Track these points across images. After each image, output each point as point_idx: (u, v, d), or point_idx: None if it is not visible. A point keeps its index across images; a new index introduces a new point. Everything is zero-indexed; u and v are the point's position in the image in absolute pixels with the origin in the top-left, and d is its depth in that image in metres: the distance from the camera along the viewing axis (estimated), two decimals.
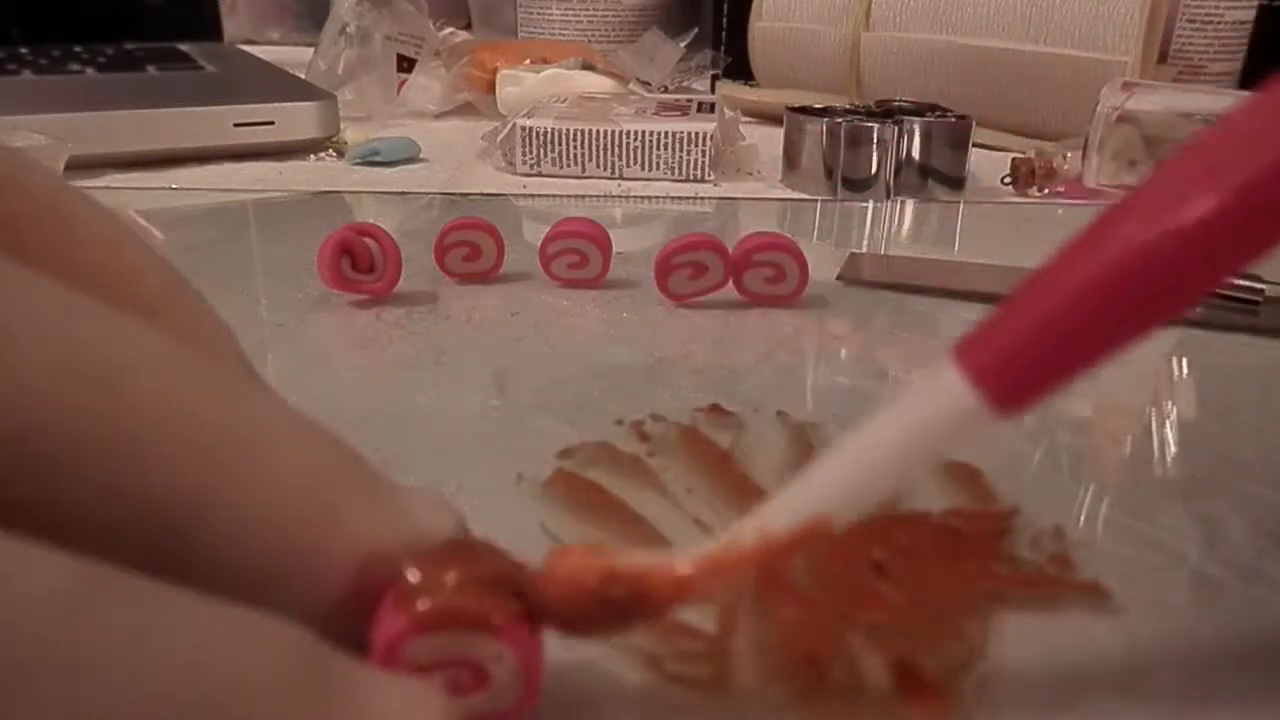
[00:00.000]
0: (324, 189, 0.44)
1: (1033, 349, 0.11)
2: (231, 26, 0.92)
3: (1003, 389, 0.12)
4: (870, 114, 0.44)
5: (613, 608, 0.12)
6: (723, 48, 0.69)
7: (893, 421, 0.12)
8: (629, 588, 0.12)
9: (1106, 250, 0.11)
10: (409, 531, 0.12)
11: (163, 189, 0.43)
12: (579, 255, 0.30)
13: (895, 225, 0.41)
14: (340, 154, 0.49)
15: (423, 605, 0.11)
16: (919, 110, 0.44)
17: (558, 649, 0.13)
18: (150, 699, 0.08)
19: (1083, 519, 0.19)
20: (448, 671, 0.11)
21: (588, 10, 0.70)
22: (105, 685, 0.08)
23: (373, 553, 0.11)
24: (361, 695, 0.10)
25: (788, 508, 0.12)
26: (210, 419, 0.11)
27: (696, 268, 0.29)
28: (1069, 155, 0.44)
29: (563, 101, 0.50)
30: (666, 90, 0.61)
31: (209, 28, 0.88)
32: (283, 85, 0.54)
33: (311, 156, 0.49)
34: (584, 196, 0.43)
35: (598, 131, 0.45)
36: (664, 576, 0.12)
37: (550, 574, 0.12)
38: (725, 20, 0.70)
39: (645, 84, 0.61)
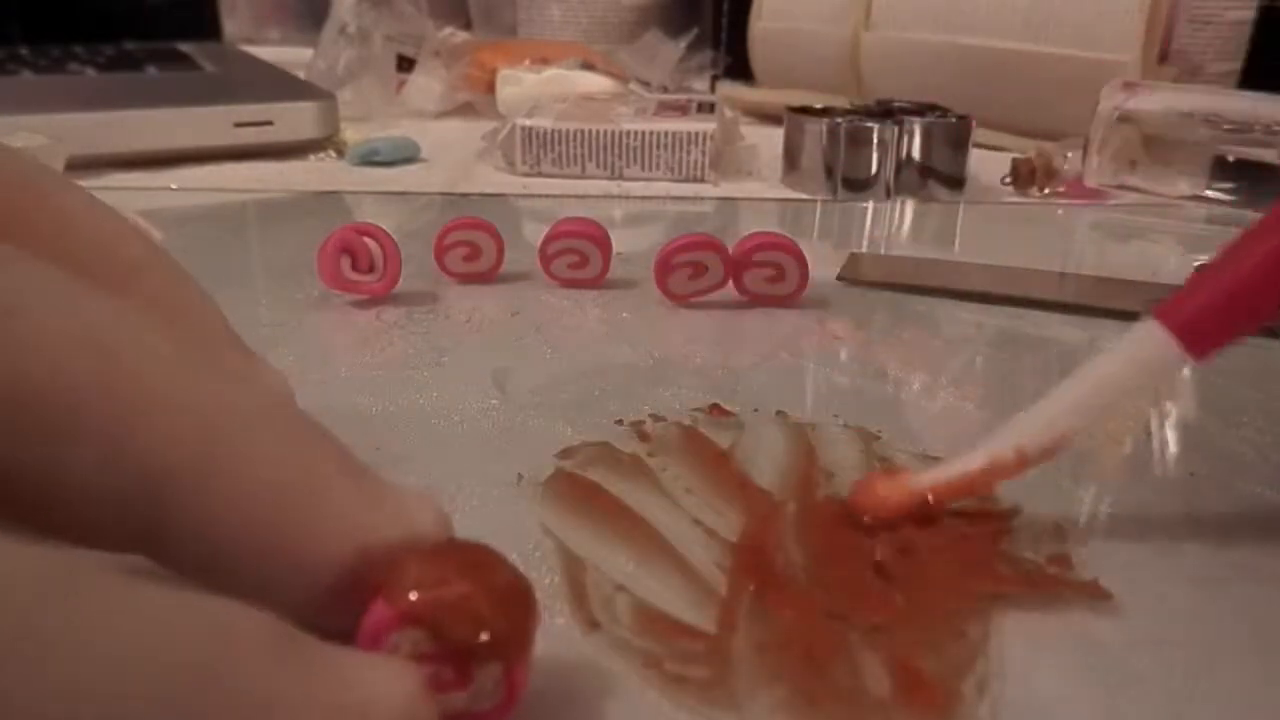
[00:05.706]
0: (324, 189, 0.44)
1: (1218, 306, 0.16)
2: (231, 26, 0.92)
3: (1194, 338, 0.16)
4: (870, 114, 0.44)
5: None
6: (723, 48, 0.69)
7: (1110, 362, 0.17)
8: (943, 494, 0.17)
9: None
10: (399, 528, 0.12)
11: (163, 189, 0.43)
12: (579, 255, 0.30)
13: (895, 225, 0.41)
14: (340, 154, 0.49)
15: (412, 597, 0.11)
16: (919, 110, 0.44)
17: (557, 647, 0.13)
18: (125, 681, 0.08)
19: (1083, 519, 0.19)
20: (429, 666, 0.11)
21: (588, 10, 0.70)
22: (71, 666, 0.08)
23: (361, 547, 0.11)
24: (335, 668, 0.10)
25: (1032, 427, 0.17)
26: (207, 395, 0.11)
27: (696, 268, 0.29)
28: (1069, 155, 0.44)
29: (563, 102, 0.50)
30: (666, 90, 0.61)
31: (209, 28, 0.88)
32: (282, 85, 0.54)
33: (311, 156, 0.49)
34: (584, 196, 0.43)
35: (598, 131, 0.45)
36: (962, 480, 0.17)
37: (866, 491, 0.18)
38: (725, 20, 0.70)
39: (645, 84, 0.61)
